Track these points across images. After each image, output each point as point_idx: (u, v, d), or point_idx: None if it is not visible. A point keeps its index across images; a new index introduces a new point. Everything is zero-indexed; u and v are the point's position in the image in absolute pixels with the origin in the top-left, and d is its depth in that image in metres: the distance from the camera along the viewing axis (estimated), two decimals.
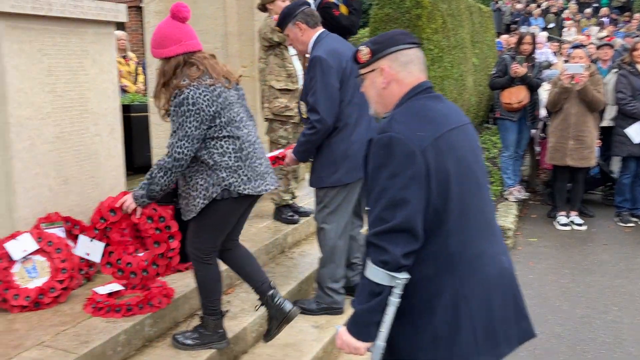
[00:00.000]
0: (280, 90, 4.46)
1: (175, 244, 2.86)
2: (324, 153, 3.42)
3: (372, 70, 1.84)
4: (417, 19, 7.15)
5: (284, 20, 3.47)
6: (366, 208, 1.74)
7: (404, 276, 1.66)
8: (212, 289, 2.85)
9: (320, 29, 3.50)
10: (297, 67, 4.63)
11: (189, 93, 2.47)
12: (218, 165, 2.56)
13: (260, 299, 2.95)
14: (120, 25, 4.13)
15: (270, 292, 2.94)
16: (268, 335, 2.99)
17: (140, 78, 8.22)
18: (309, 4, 3.60)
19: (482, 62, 10.05)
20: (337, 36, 3.61)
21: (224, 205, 2.62)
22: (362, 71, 1.87)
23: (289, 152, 3.57)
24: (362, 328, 1.73)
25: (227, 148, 2.57)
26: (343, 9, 5.42)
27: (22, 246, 3.06)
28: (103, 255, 2.92)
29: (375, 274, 1.66)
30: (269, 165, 2.83)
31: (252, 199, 2.81)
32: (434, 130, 1.70)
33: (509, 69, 6.45)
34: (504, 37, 12.40)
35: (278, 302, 2.92)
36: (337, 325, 1.82)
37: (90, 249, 3.02)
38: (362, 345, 1.74)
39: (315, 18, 3.48)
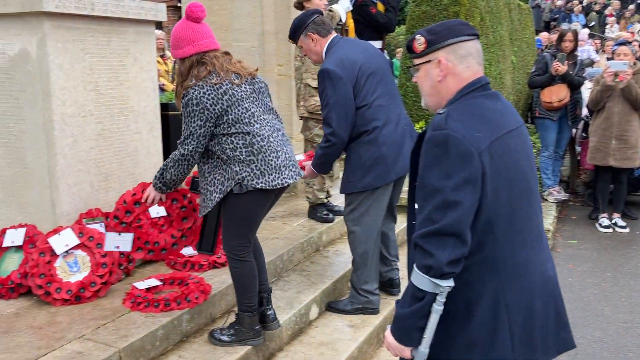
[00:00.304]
0: (316, 88, 4.44)
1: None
2: (352, 159, 3.40)
3: (428, 62, 1.75)
4: (454, 16, 7.05)
5: (295, 32, 3.45)
6: (416, 206, 1.70)
7: (447, 284, 1.61)
8: (246, 286, 2.86)
9: (332, 36, 3.44)
10: None
11: (193, 93, 2.52)
12: (231, 160, 2.60)
13: None
14: (158, 25, 4.20)
15: (264, 295, 2.98)
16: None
17: None
18: (320, 13, 3.57)
19: (520, 60, 9.86)
20: (350, 40, 3.55)
21: (242, 199, 2.64)
22: (416, 61, 1.79)
23: (307, 164, 3.58)
24: (403, 332, 1.70)
25: (237, 143, 2.59)
26: (380, 7, 5.40)
27: (64, 241, 3.14)
28: (133, 243, 3.16)
29: (418, 279, 1.62)
30: (288, 158, 2.74)
31: (272, 192, 2.74)
32: (491, 131, 1.62)
33: (550, 67, 6.31)
34: (544, 34, 12.16)
35: (265, 309, 2.98)
36: (388, 325, 1.79)
37: (119, 241, 3.23)
38: (406, 348, 1.72)
39: (326, 26, 3.44)
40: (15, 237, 3.24)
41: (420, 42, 1.76)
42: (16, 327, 2.79)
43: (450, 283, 1.62)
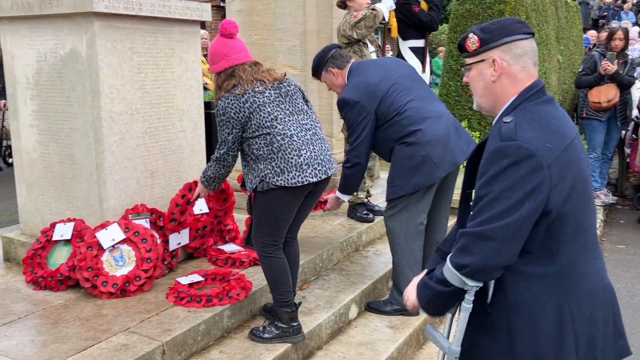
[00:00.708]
0: None
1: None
2: (396, 163, 3.40)
3: (481, 61, 1.70)
4: (499, 14, 6.93)
5: (317, 70, 3.64)
6: (471, 212, 1.66)
7: (476, 284, 1.60)
8: (277, 281, 2.89)
9: (349, 65, 3.58)
10: None
11: (220, 104, 2.74)
12: (258, 159, 2.76)
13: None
14: (202, 24, 4.27)
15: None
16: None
17: None
18: (338, 46, 3.70)
19: (567, 60, 9.61)
20: (363, 63, 3.64)
21: (266, 197, 2.75)
22: (469, 60, 1.74)
23: (330, 197, 3.68)
24: (423, 298, 1.73)
25: (260, 143, 2.74)
26: (423, 5, 5.34)
27: (111, 235, 3.22)
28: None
29: (448, 272, 1.62)
30: (313, 157, 2.76)
31: (296, 191, 2.76)
32: (559, 141, 1.57)
33: (598, 66, 6.12)
34: (592, 32, 11.80)
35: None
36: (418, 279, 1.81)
37: (179, 238, 3.42)
38: (414, 303, 1.77)
39: (343, 58, 3.58)
40: (64, 231, 3.34)
41: (473, 40, 1.70)
42: (64, 319, 2.88)
43: (479, 283, 1.60)
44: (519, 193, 1.52)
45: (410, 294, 1.78)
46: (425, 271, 1.81)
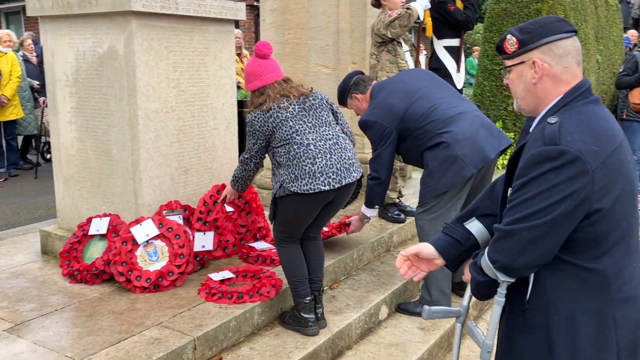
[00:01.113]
0: None
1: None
2: (428, 165, 3.41)
3: (521, 63, 1.65)
4: (536, 14, 6.80)
5: (342, 98, 3.79)
6: (506, 208, 1.64)
7: (507, 279, 1.59)
8: (288, 269, 3.06)
9: (370, 88, 3.68)
10: (410, 63, 4.57)
11: (249, 117, 2.98)
12: (280, 165, 2.96)
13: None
14: (235, 23, 4.31)
15: (315, 293, 3.09)
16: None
17: None
18: (359, 73, 3.80)
19: (606, 60, 9.38)
20: (380, 84, 3.70)
21: (285, 201, 2.93)
22: (508, 63, 1.69)
23: (353, 219, 3.79)
24: (471, 280, 1.72)
25: (281, 152, 2.94)
26: (459, 4, 5.28)
27: (145, 231, 3.27)
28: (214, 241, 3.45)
29: (485, 263, 1.62)
30: (329, 165, 2.88)
31: (312, 198, 2.88)
32: (607, 144, 1.51)
33: None
34: (632, 32, 11.48)
35: (315, 306, 3.10)
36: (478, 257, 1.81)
37: (204, 240, 3.40)
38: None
39: (365, 83, 3.71)
40: (99, 226, 3.41)
41: (511, 42, 1.65)
42: (99, 312, 2.93)
43: (509, 279, 1.59)
44: (555, 196, 1.49)
45: (467, 272, 1.79)
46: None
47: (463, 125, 3.34)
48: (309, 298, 3.03)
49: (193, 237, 3.43)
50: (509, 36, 1.67)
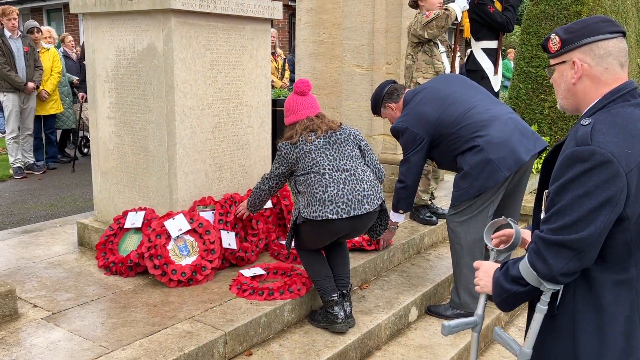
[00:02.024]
0: None
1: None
2: (461, 168, 3.39)
3: (563, 62, 1.65)
4: (576, 16, 6.67)
5: (376, 109, 3.84)
6: (542, 216, 1.62)
7: (552, 287, 1.55)
8: (310, 270, 3.13)
9: (402, 97, 3.69)
10: (446, 64, 4.53)
11: (279, 146, 3.17)
12: (299, 193, 3.11)
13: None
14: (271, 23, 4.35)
15: (343, 290, 3.13)
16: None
17: (287, 74, 8.55)
18: (392, 82, 3.82)
19: None
20: (419, 89, 3.67)
21: (301, 228, 3.08)
22: (552, 62, 1.69)
23: (384, 235, 3.79)
24: (497, 296, 1.68)
25: (301, 180, 3.10)
26: (497, 5, 5.22)
27: (178, 225, 3.32)
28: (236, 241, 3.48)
29: (526, 271, 1.58)
30: (340, 195, 2.96)
31: (325, 226, 2.96)
32: None
33: None
34: None
35: (342, 304, 3.11)
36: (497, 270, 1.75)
37: (229, 239, 3.44)
38: (486, 290, 1.73)
39: (397, 92, 3.73)
40: (135, 219, 3.48)
41: (555, 41, 1.65)
42: (133, 304, 2.99)
43: (556, 287, 1.55)
44: (593, 202, 1.46)
45: (484, 282, 1.73)
46: (498, 265, 1.76)
47: (497, 128, 3.31)
48: (335, 295, 3.05)
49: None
50: (553, 35, 1.67)
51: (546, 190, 1.62)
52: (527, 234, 1.84)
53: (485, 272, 1.75)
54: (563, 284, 1.57)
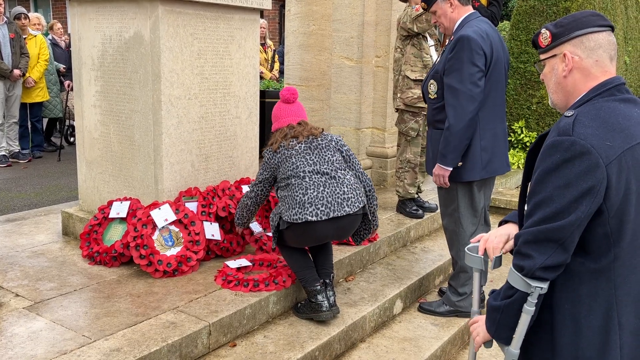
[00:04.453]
0: (414, 80, 4.40)
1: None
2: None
3: (553, 56, 1.66)
4: (565, 12, 6.70)
5: None
6: (525, 207, 1.63)
7: (538, 284, 1.55)
8: (291, 261, 3.14)
9: (471, 9, 3.29)
10: (434, 57, 4.53)
11: (263, 153, 3.23)
12: (280, 199, 3.12)
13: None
14: (260, 13, 4.32)
15: (325, 279, 3.12)
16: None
17: (276, 65, 8.50)
18: None
19: (634, 62, 9.21)
20: (486, 20, 3.34)
21: (283, 233, 3.07)
22: (542, 56, 1.70)
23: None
24: (491, 324, 1.67)
25: (282, 185, 3.13)
26: (483, 0, 5.22)
27: (164, 215, 3.30)
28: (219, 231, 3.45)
29: (512, 276, 1.59)
30: (320, 197, 2.96)
31: (304, 229, 2.96)
32: (623, 140, 1.50)
33: None
34: None
35: (325, 294, 3.11)
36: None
37: (213, 230, 3.41)
38: (485, 337, 1.71)
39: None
40: (120, 209, 3.45)
41: (545, 36, 1.67)
42: (117, 294, 2.97)
43: (542, 284, 1.55)
44: (573, 192, 1.48)
45: (480, 329, 1.74)
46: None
47: (495, 134, 3.27)
48: (317, 284, 3.05)
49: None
50: (543, 30, 1.69)
51: (530, 183, 1.63)
52: (513, 228, 1.82)
53: (478, 323, 1.76)
54: (551, 279, 1.57)
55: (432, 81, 3.32)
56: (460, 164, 3.23)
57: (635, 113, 1.57)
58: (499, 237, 1.77)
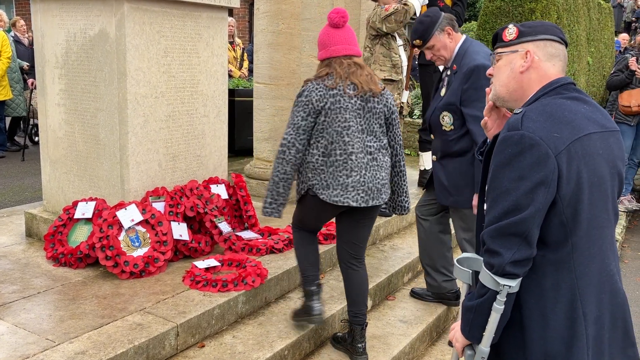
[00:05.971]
0: (383, 80, 4.43)
1: None
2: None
3: (514, 52, 1.72)
4: (530, 13, 6.83)
5: (428, 30, 3.18)
6: (485, 207, 1.66)
7: (507, 283, 1.57)
8: (298, 255, 2.99)
9: (463, 35, 3.27)
10: (403, 57, 4.57)
11: (305, 87, 2.70)
12: (308, 165, 2.75)
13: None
14: (229, 11, 4.28)
15: (356, 326, 2.97)
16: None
17: (245, 64, 8.45)
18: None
19: (597, 62, 9.44)
20: (478, 41, 3.35)
21: (309, 201, 2.81)
22: (500, 50, 1.75)
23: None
24: (465, 324, 1.69)
25: (318, 149, 2.71)
26: (447, 1, 5.29)
27: (130, 215, 3.25)
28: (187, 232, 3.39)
29: (483, 275, 1.61)
30: (363, 182, 2.70)
31: (336, 208, 2.76)
32: (571, 132, 1.55)
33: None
34: (623, 35, 11.55)
35: (355, 340, 2.97)
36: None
37: (181, 230, 3.36)
38: (463, 341, 1.71)
39: (457, 22, 3.31)
40: (85, 210, 3.39)
41: (511, 31, 1.73)
42: (82, 295, 2.92)
43: (510, 283, 1.57)
44: (527, 183, 1.52)
45: (457, 334, 1.75)
46: None
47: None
48: (314, 286, 2.92)
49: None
50: (510, 26, 1.74)
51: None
52: None
53: (455, 329, 1.77)
54: (521, 275, 1.59)
55: (445, 113, 3.19)
56: None
57: (582, 109, 1.63)
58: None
